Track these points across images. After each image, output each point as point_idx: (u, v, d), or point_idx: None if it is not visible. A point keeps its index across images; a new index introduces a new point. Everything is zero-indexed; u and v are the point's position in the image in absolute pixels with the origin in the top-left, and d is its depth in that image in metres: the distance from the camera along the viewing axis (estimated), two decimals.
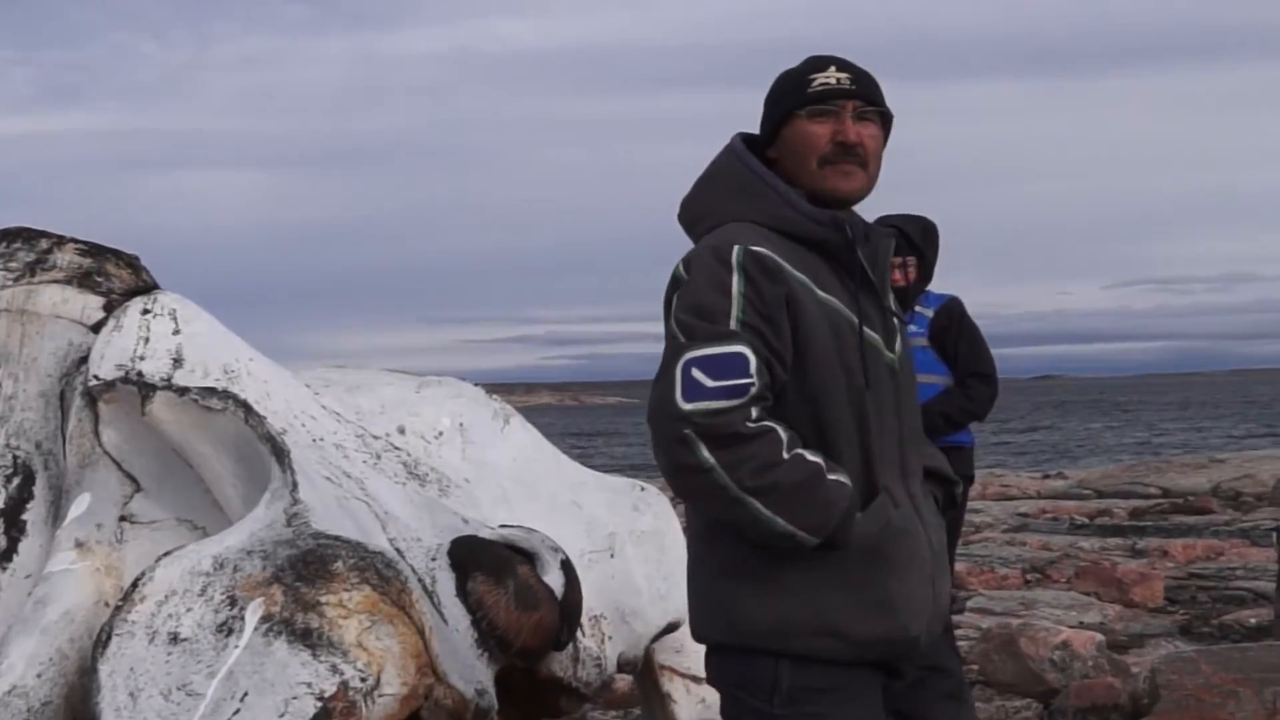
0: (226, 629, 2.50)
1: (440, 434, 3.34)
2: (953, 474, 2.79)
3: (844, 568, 2.43)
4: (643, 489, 3.59)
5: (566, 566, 3.03)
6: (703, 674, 3.56)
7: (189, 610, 2.54)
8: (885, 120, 2.60)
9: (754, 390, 2.36)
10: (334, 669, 2.36)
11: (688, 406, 2.36)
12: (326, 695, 2.34)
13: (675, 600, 3.42)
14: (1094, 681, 5.35)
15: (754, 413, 2.36)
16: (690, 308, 2.42)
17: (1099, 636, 5.84)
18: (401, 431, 3.32)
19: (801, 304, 2.43)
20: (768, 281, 2.40)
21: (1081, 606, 7.56)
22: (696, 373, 2.37)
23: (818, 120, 2.52)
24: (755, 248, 2.43)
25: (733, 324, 2.38)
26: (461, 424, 3.38)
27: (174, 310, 3.08)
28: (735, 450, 2.35)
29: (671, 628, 3.44)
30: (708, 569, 2.55)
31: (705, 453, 2.35)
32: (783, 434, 2.38)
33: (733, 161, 2.57)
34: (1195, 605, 7.91)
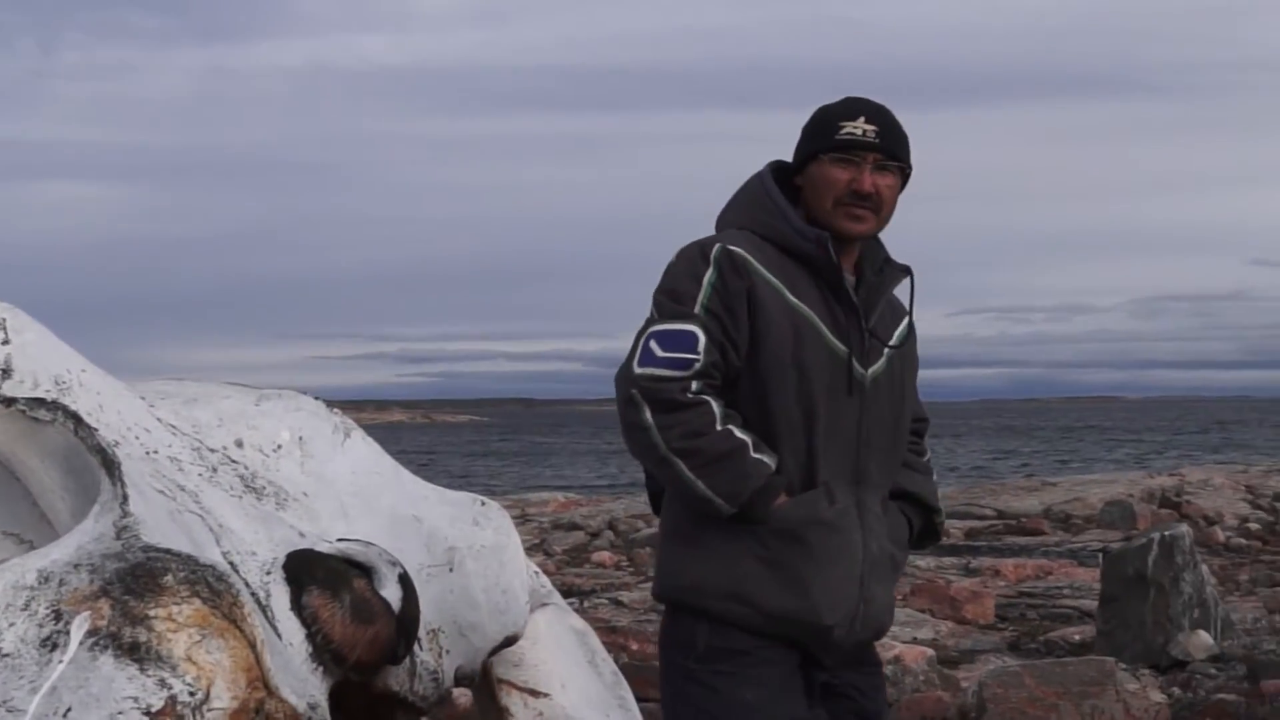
0: (51, 644, 2.44)
1: (279, 447, 3.31)
2: (935, 503, 2.99)
3: (764, 542, 2.73)
4: (483, 503, 3.59)
5: (404, 580, 3.03)
6: (541, 688, 3.60)
7: (11, 625, 2.48)
8: (905, 171, 2.82)
9: (697, 366, 2.68)
10: (162, 683, 2.33)
11: (639, 371, 2.70)
12: (154, 710, 2.30)
13: (513, 614, 3.44)
14: (924, 695, 5.50)
15: (694, 385, 2.68)
16: (666, 290, 2.76)
17: (930, 652, 6.01)
18: (239, 444, 3.27)
19: (763, 301, 2.71)
20: (734, 276, 2.70)
21: (915, 623, 7.76)
22: (653, 344, 2.70)
23: (839, 166, 2.74)
24: (733, 247, 2.73)
25: (696, 308, 2.69)
26: (301, 437, 3.34)
27: (3, 320, 3.01)
28: (671, 415, 2.67)
29: (509, 641, 3.45)
30: (661, 532, 2.91)
31: (646, 413, 2.69)
32: (716, 409, 2.69)
33: (755, 183, 2.85)
34: (1024, 622, 8.18)
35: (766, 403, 2.74)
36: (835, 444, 2.75)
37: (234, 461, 3.20)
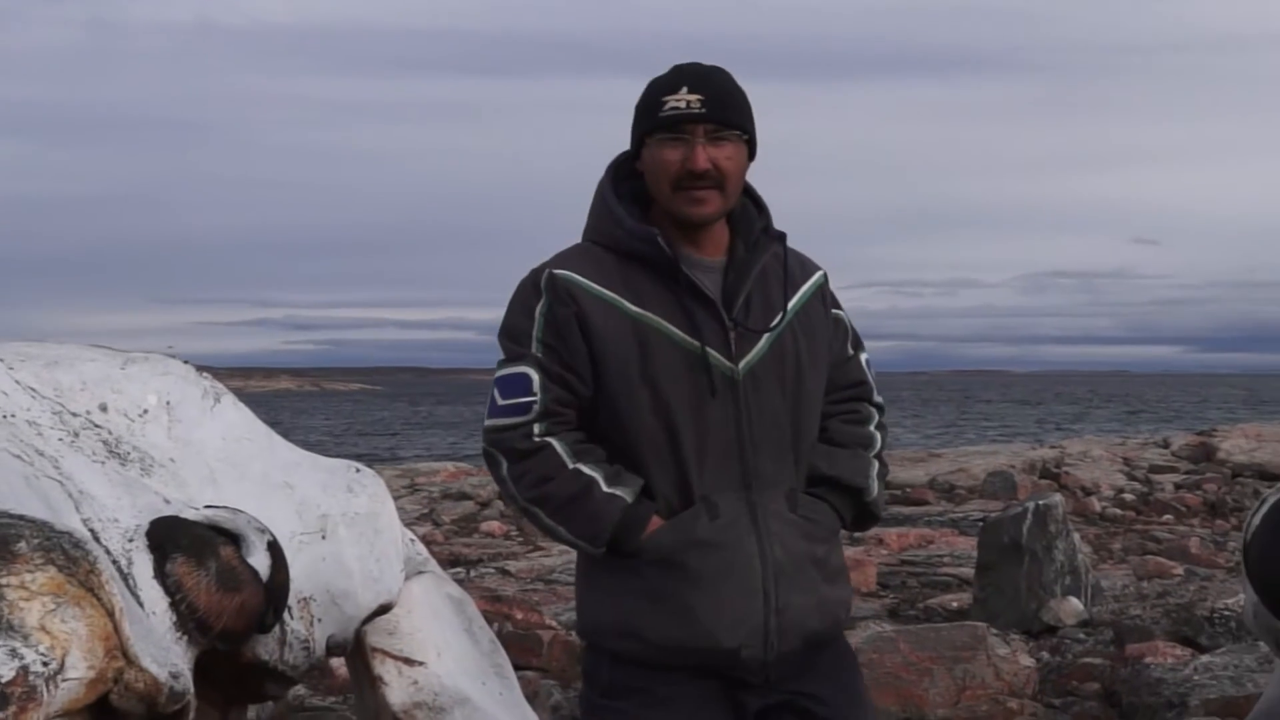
0: None
1: (145, 412, 3.23)
2: (858, 481, 2.72)
3: (642, 574, 2.58)
4: (358, 470, 3.55)
5: (273, 548, 2.98)
6: (416, 656, 3.58)
7: None
8: (748, 138, 2.60)
9: (536, 408, 2.56)
10: (13, 653, 2.26)
11: (487, 424, 2.62)
12: (4, 680, 2.23)
13: (387, 582, 3.41)
14: None
15: (537, 429, 2.57)
16: (504, 330, 2.64)
17: None
18: (104, 409, 3.20)
19: (594, 322, 2.55)
20: (560, 303, 2.56)
21: None
22: (495, 393, 2.61)
23: (668, 146, 2.54)
24: (559, 271, 2.58)
25: (532, 344, 2.57)
26: (168, 402, 3.27)
27: None
28: (518, 465, 2.58)
29: (383, 609, 3.43)
30: (576, 570, 2.78)
31: (503, 467, 2.61)
32: (561, 449, 2.56)
33: (598, 186, 2.68)
34: (905, 590, 8.32)
35: (623, 425, 2.58)
36: (711, 452, 2.57)
37: (97, 426, 3.12)
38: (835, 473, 2.69)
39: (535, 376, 2.57)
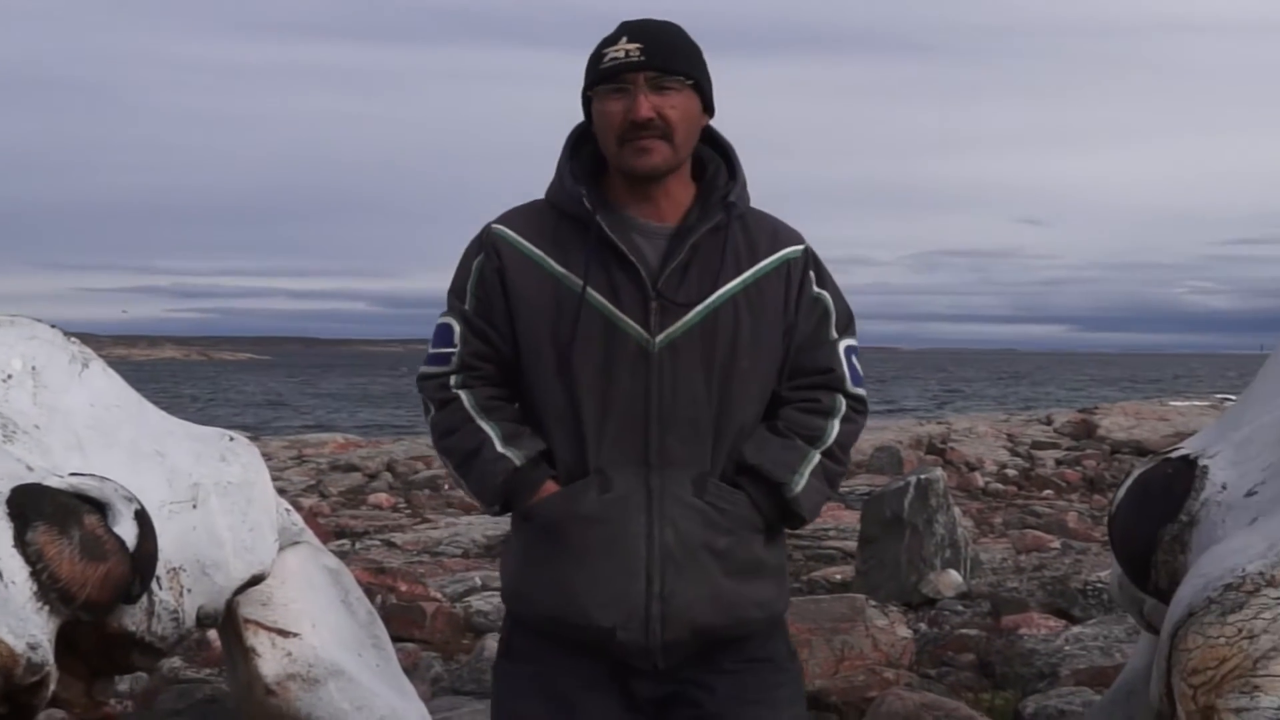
0: None
1: (9, 377, 3.15)
2: (777, 473, 2.52)
3: (530, 542, 2.53)
4: (232, 439, 3.50)
5: (141, 516, 2.92)
6: (290, 627, 3.54)
7: None
8: (698, 86, 2.50)
9: (454, 360, 2.54)
10: None
11: (419, 372, 2.62)
12: None
13: (260, 552, 3.36)
14: None
15: (453, 380, 2.54)
16: (451, 282, 2.59)
17: None
18: None
19: (514, 279, 2.50)
20: (488, 258, 2.52)
21: None
22: (430, 343, 2.60)
23: (612, 98, 2.46)
24: (496, 225, 2.54)
25: (466, 297, 2.54)
26: (34, 367, 3.19)
27: None
28: (434, 414, 2.57)
29: (256, 580, 3.38)
30: None
31: (428, 414, 2.60)
32: (469, 402, 2.53)
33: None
34: (790, 563, 8.40)
35: (531, 386, 2.53)
36: (613, 424, 2.46)
37: None
38: (757, 461, 2.52)
39: (458, 328, 2.55)
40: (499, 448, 2.49)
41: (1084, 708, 4.51)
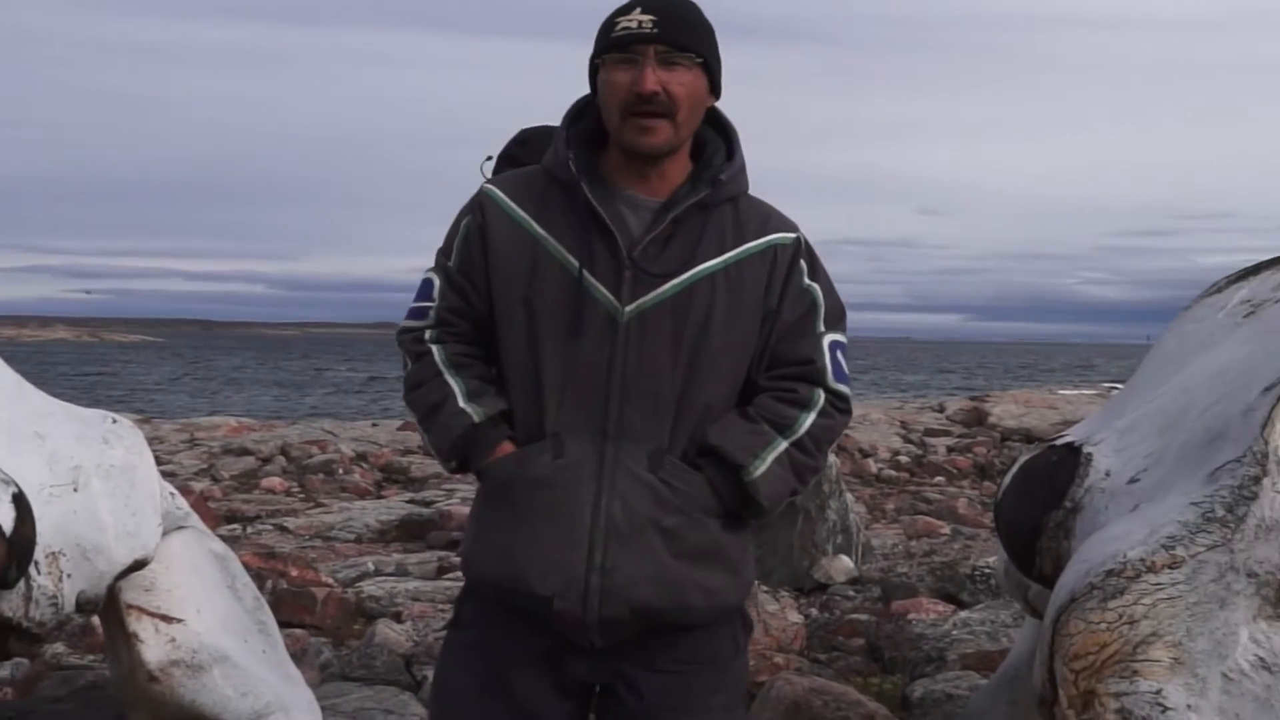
0: None
1: None
2: (737, 456, 2.45)
3: (482, 504, 2.52)
4: (115, 421, 3.41)
5: (18, 500, 2.85)
6: (174, 613, 3.46)
7: None
8: (707, 66, 2.47)
9: (431, 313, 2.56)
10: None
11: (400, 325, 2.62)
12: None
13: (143, 537, 3.28)
14: None
15: (428, 335, 2.56)
16: (443, 240, 2.60)
17: None
18: None
19: (492, 236, 2.50)
20: (474, 216, 2.53)
21: None
22: (413, 297, 2.60)
23: (619, 68, 2.42)
24: (488, 185, 2.56)
25: (451, 254, 2.56)
26: None
27: None
28: (410, 367, 2.58)
29: (139, 565, 3.30)
30: None
31: (404, 367, 2.62)
32: (439, 356, 2.54)
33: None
34: None
35: (500, 345, 2.52)
36: (573, 390, 2.43)
37: None
38: (719, 443, 2.46)
39: (438, 283, 2.57)
40: (460, 403, 2.48)
41: (970, 692, 4.58)
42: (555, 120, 2.62)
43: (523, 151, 4.16)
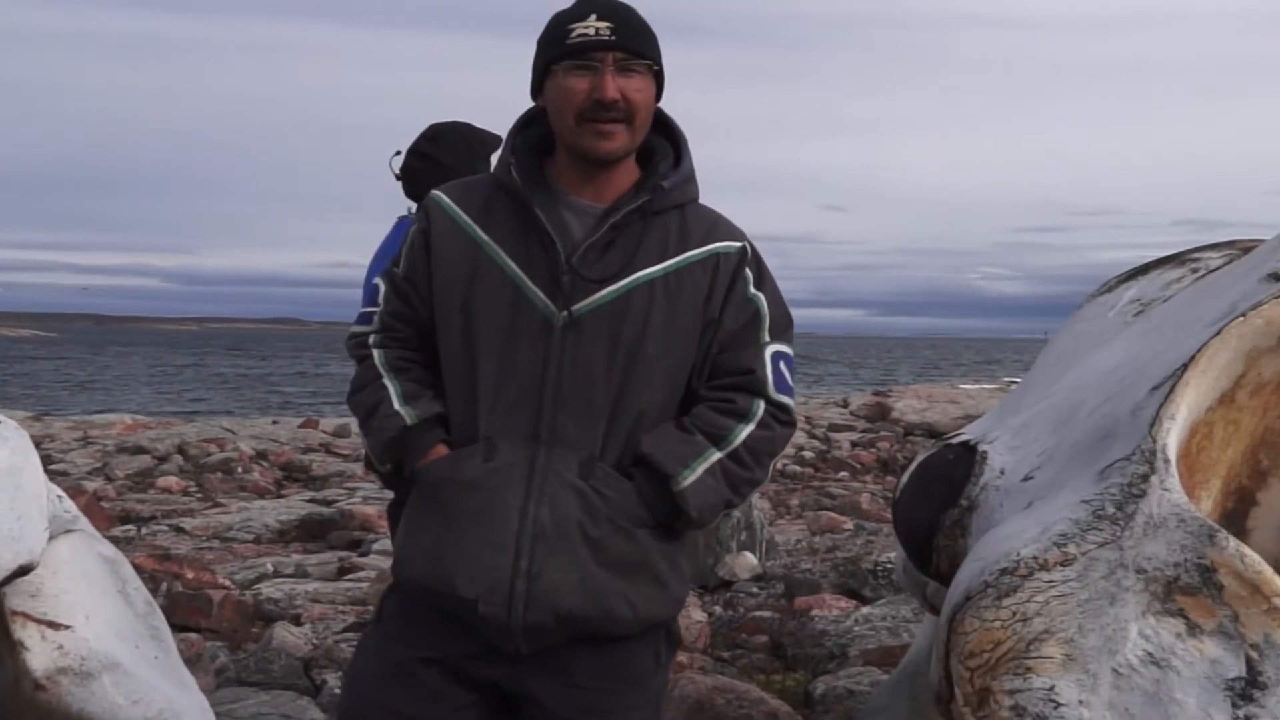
0: None
1: None
2: (666, 465, 2.42)
3: (414, 506, 2.52)
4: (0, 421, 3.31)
5: None
6: (62, 619, 3.37)
7: None
8: (656, 72, 2.48)
9: (376, 320, 2.59)
10: None
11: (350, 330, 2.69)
12: None
13: (29, 541, 3.19)
14: None
15: (372, 339, 2.60)
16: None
17: None
18: None
19: (436, 241, 2.51)
20: (419, 222, 2.56)
21: None
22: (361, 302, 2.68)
23: (575, 74, 2.42)
24: (436, 192, 2.58)
25: (401, 259, 2.58)
26: None
27: None
28: (355, 371, 2.62)
29: (24, 570, 3.20)
30: None
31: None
32: (380, 361, 2.56)
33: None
34: None
35: (440, 349, 2.53)
36: (507, 394, 2.43)
37: None
38: (650, 452, 2.43)
39: (384, 289, 2.60)
40: (395, 405, 2.51)
41: (872, 688, 4.63)
42: (467, 115, 2.66)
43: (434, 148, 4.12)
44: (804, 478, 13.15)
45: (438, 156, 4.27)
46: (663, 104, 2.53)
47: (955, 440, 3.10)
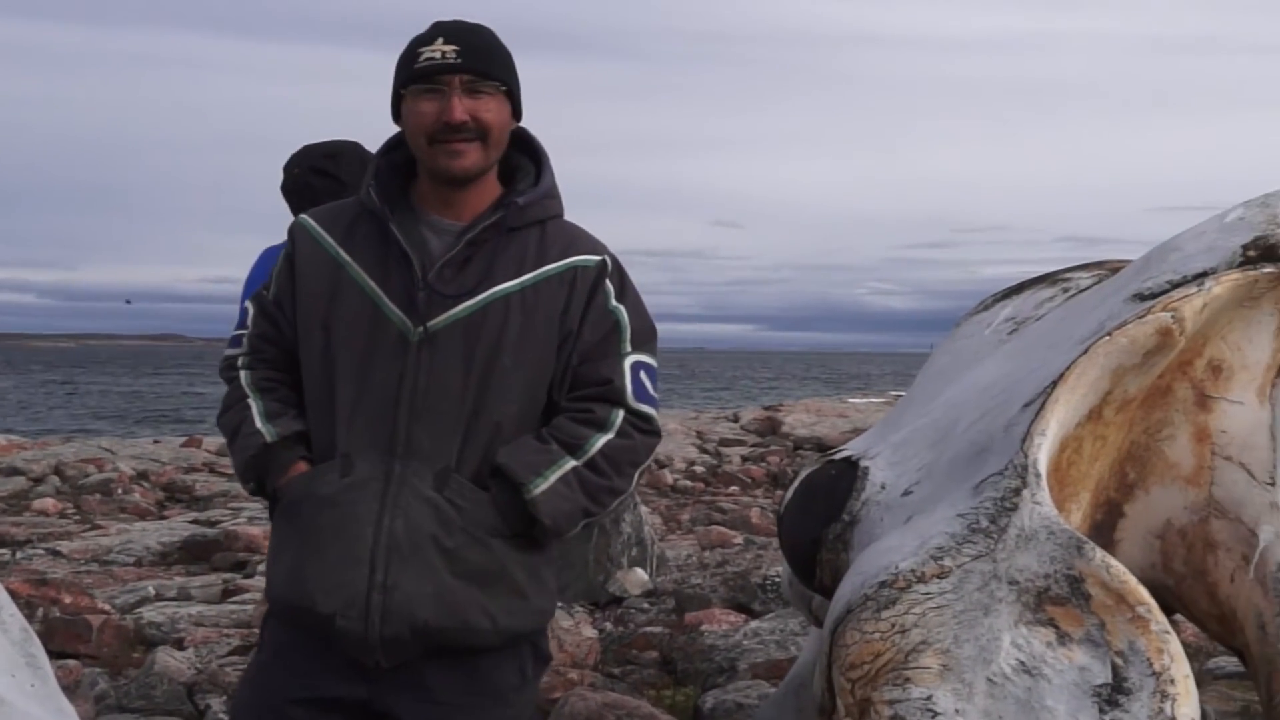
0: None
1: None
2: (519, 474, 2.45)
3: (277, 524, 2.55)
4: None
5: None
6: None
7: None
8: (510, 93, 2.52)
9: (244, 342, 2.64)
10: None
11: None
12: None
13: None
14: None
15: (240, 361, 2.64)
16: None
17: None
18: None
19: (299, 262, 2.56)
20: (286, 246, 2.61)
21: None
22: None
23: (425, 98, 2.46)
24: (304, 215, 2.63)
25: (271, 283, 2.62)
26: None
27: None
28: (225, 393, 2.65)
29: None
30: None
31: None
32: (245, 382, 2.60)
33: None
34: None
35: (301, 368, 2.57)
36: (364, 409, 2.46)
37: None
38: (504, 462, 2.46)
39: (252, 311, 2.64)
40: (257, 424, 2.55)
41: (760, 700, 4.67)
42: (355, 134, 2.72)
43: (333, 165, 4.09)
44: (695, 492, 13.21)
45: (337, 174, 4.24)
46: (554, 119, 2.59)
47: (838, 456, 3.15)
